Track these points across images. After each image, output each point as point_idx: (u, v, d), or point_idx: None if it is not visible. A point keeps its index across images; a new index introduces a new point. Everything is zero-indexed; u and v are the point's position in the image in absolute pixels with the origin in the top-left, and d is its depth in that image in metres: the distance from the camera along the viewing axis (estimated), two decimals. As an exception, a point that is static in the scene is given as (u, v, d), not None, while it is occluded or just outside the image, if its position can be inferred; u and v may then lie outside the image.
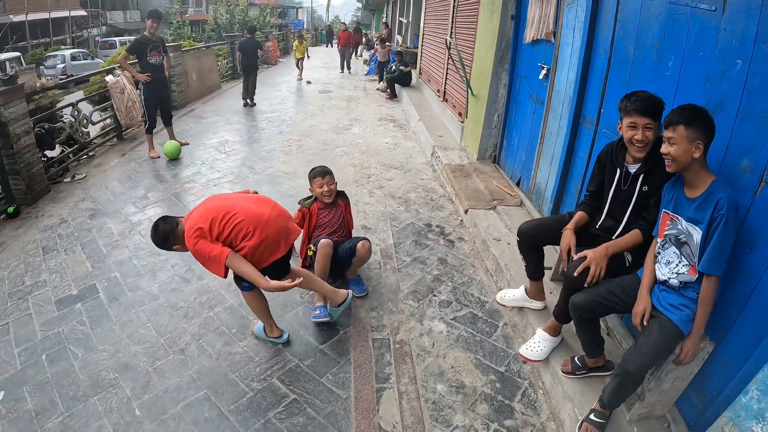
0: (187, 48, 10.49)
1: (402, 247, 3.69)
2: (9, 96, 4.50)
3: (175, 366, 2.51)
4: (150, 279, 3.32)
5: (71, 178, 5.40)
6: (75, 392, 2.38)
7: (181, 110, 8.97)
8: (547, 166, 3.59)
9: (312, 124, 7.77)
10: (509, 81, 4.65)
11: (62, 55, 21.81)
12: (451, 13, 6.67)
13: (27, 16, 24.18)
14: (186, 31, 21.63)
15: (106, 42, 26.82)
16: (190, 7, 39.53)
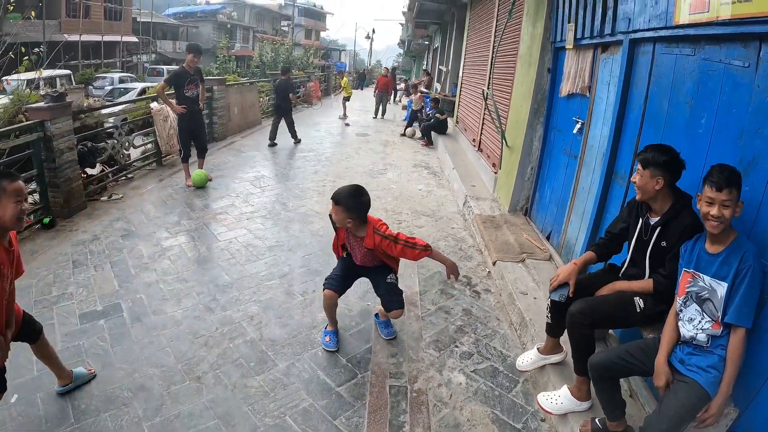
0: (232, 82, 11.18)
1: (427, 295, 3.79)
2: (56, 112, 4.90)
3: (189, 392, 2.61)
4: (174, 304, 3.50)
5: (108, 197, 5.79)
6: (87, 406, 2.50)
7: (221, 142, 9.55)
8: (578, 222, 3.68)
9: (348, 166, 8.10)
10: (544, 134, 4.81)
11: (111, 77, 23.21)
12: (489, 64, 6.99)
13: (81, 37, 26.16)
14: (231, 65, 22.92)
15: (153, 69, 28.66)
16: (237, 43, 42.20)
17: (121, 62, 30.98)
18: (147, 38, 34.47)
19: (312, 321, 3.32)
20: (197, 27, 40.95)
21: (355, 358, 2.95)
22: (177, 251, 4.39)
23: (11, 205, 1.93)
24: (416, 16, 15.50)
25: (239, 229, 5.00)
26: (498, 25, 6.88)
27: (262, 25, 51.02)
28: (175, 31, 39.83)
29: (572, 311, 2.28)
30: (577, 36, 3.96)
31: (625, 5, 3.16)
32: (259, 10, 51.32)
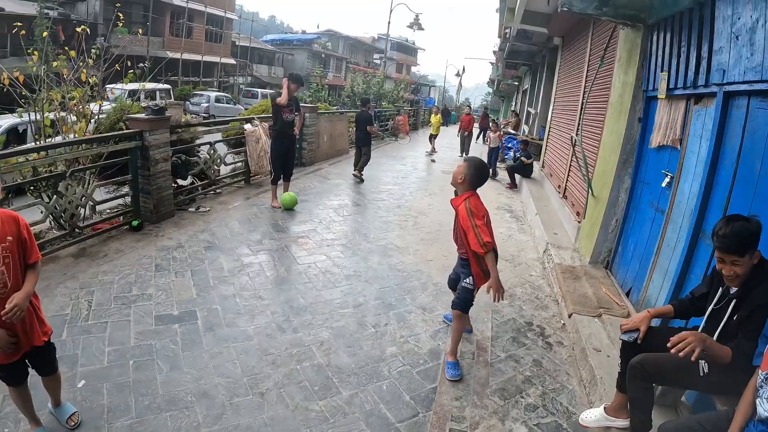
0: (323, 111, 11.81)
1: (499, 341, 3.81)
2: (156, 124, 5.43)
3: (251, 406, 2.76)
4: (248, 320, 3.73)
5: (195, 209, 6.29)
6: (150, 402, 2.68)
7: (308, 168, 10.11)
8: (660, 280, 3.57)
9: (431, 203, 8.26)
10: (631, 185, 4.73)
11: (208, 95, 25.09)
12: (579, 109, 6.97)
13: (182, 55, 28.98)
14: (324, 94, 24.12)
15: (248, 91, 30.81)
16: (330, 72, 44.51)
17: (218, 82, 33.69)
18: (244, 61, 37.23)
19: (381, 354, 3.45)
20: (293, 54, 43.73)
21: (419, 396, 3.02)
22: (256, 269, 4.70)
23: None
24: (507, 56, 15.71)
25: (319, 254, 5.26)
26: (589, 71, 6.88)
27: (355, 56, 53.69)
28: (272, 57, 42.79)
29: (633, 362, 2.27)
30: (670, 86, 3.93)
31: (719, 56, 3.14)
32: (352, 42, 54.23)
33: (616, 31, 5.48)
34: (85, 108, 5.72)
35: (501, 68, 21.41)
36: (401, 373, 3.24)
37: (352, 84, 26.55)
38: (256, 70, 39.51)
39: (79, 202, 4.86)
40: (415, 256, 5.51)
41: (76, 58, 5.74)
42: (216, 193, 7.29)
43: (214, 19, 32.61)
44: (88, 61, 5.77)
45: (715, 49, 3.20)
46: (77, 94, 5.64)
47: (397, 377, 3.20)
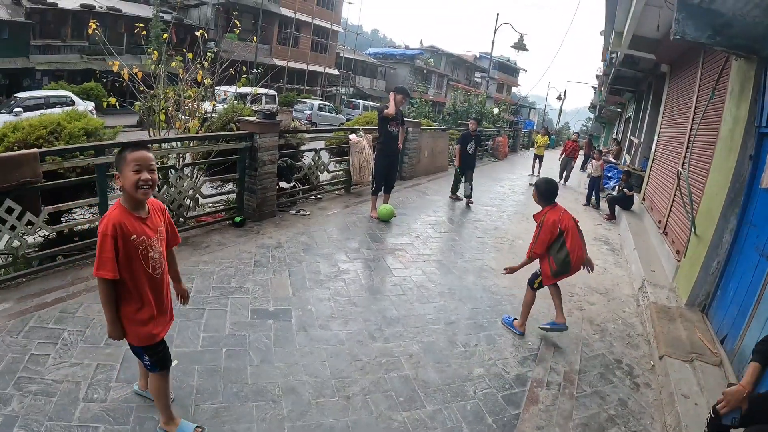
0: (425, 127, 12.05)
1: (586, 376, 3.78)
2: (266, 128, 5.75)
3: (336, 408, 2.86)
4: (341, 324, 3.89)
5: (296, 212, 6.63)
6: (238, 390, 2.81)
7: (407, 181, 10.33)
8: (758, 330, 3.42)
9: (528, 228, 8.14)
10: (737, 227, 4.53)
11: (311, 103, 26.14)
12: (686, 142, 6.71)
13: (288, 63, 30.73)
14: (426, 110, 24.28)
15: (350, 102, 32.09)
16: (431, 88, 45.06)
17: (321, 91, 35.24)
18: (347, 72, 38.69)
19: (468, 374, 3.51)
20: (395, 69, 44.69)
21: (501, 420, 3.07)
22: (352, 276, 4.90)
23: (130, 174, 2.11)
24: (611, 81, 15.21)
25: (414, 268, 5.41)
26: (698, 102, 6.62)
27: (456, 74, 53.95)
28: (374, 70, 44.06)
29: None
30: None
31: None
32: (454, 59, 54.50)
33: (728, 62, 5.28)
34: (199, 107, 6.12)
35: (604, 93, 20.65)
36: (486, 395, 3.32)
37: (454, 101, 26.45)
38: (359, 82, 40.76)
39: (188, 194, 5.19)
40: (510, 280, 5.50)
41: (192, 59, 6.14)
42: (317, 198, 7.60)
43: (320, 30, 34.22)
44: (204, 63, 6.16)
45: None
46: (192, 93, 6.04)
47: (482, 398, 3.26)
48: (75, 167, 4.31)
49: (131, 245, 2.16)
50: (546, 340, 4.27)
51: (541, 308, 4.67)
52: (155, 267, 2.29)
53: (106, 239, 2.10)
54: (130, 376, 2.90)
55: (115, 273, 2.12)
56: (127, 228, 2.15)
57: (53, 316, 3.46)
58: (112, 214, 2.16)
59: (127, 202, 2.20)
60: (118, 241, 2.11)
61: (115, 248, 2.11)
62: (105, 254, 2.10)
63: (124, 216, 2.16)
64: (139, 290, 2.24)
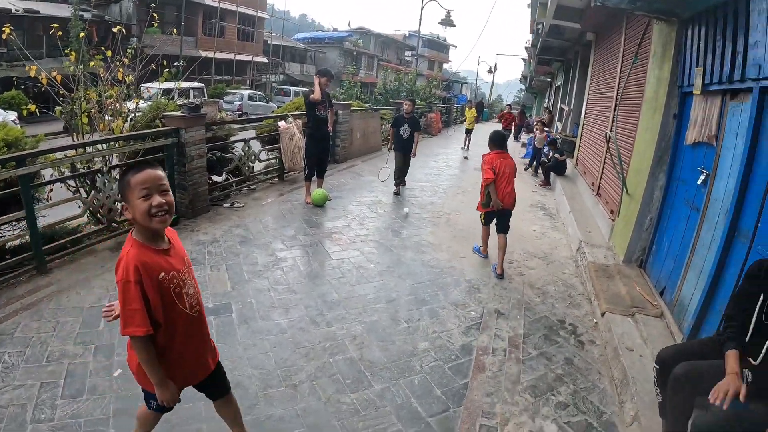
0: (356, 108, 11.92)
1: (531, 339, 3.82)
2: (192, 122, 5.57)
3: (284, 398, 2.82)
4: (282, 313, 3.82)
5: (230, 205, 6.45)
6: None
7: (341, 164, 10.24)
8: (694, 279, 3.51)
9: (463, 200, 8.26)
10: (666, 183, 4.65)
11: (240, 93, 25.47)
12: (613, 106, 6.86)
13: (215, 54, 29.58)
14: (356, 91, 24.18)
15: (281, 89, 31.18)
16: (361, 70, 44.61)
17: (250, 80, 34.13)
18: (276, 59, 37.61)
19: (413, 349, 3.50)
20: (324, 52, 43.89)
21: (450, 392, 3.06)
22: (290, 263, 4.81)
23: (138, 201, 1.74)
24: (539, 52, 15.48)
25: (352, 250, 5.36)
26: (623, 67, 6.76)
27: (387, 53, 53.66)
28: (303, 55, 43.14)
29: (678, 374, 2.19)
30: (705, 81, 3.85)
31: (755, 50, 3.08)
32: (384, 39, 54.19)
33: (650, 26, 5.37)
34: (122, 106, 5.82)
35: (533, 64, 21.09)
36: (433, 368, 3.29)
37: (384, 81, 26.48)
38: (288, 68, 39.89)
39: (117, 197, 4.90)
40: (448, 253, 5.56)
41: (112, 57, 5.83)
42: (250, 189, 7.44)
43: (246, 18, 33.00)
44: (124, 60, 5.86)
45: (751, 43, 3.14)
46: (114, 92, 5.71)
47: (429, 372, 3.25)
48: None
49: (162, 286, 1.79)
50: (488, 307, 4.27)
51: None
52: (192, 304, 1.95)
53: (129, 287, 1.70)
54: (75, 392, 2.77)
55: (149, 326, 1.74)
56: (151, 266, 1.76)
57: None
58: (128, 254, 1.75)
59: (142, 235, 1.82)
60: (144, 286, 1.72)
61: (142, 296, 1.72)
62: (131, 306, 1.71)
63: (143, 253, 1.77)
64: (173, 335, 1.88)
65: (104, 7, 25.89)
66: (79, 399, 2.71)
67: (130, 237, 1.82)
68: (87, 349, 3.16)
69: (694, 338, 3.25)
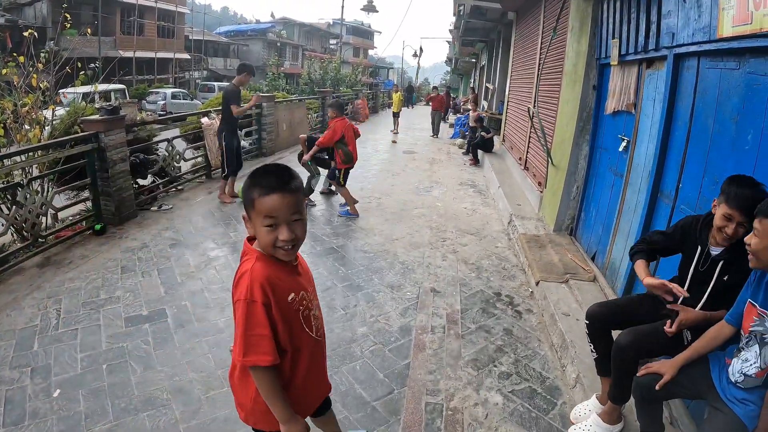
0: (281, 99, 11.64)
1: (468, 314, 3.81)
2: (111, 125, 5.22)
3: (227, 398, 2.69)
4: (218, 313, 3.65)
5: (158, 208, 6.12)
6: (127, 404, 2.63)
7: (269, 157, 9.94)
8: (623, 242, 3.62)
9: (393, 183, 8.25)
10: (590, 152, 4.78)
11: (164, 92, 24.32)
12: (535, 82, 6.99)
13: (135, 53, 27.91)
14: (281, 83, 23.64)
15: (205, 85, 30.00)
16: (286, 61, 43.55)
17: (173, 78, 32.71)
18: (199, 55, 36.19)
19: (352, 335, 3.40)
20: (247, 45, 42.58)
21: (393, 373, 2.99)
22: (222, 261, 4.60)
23: (263, 229, 1.44)
24: (462, 34, 15.69)
25: None
26: (543, 42, 6.90)
27: (311, 43, 52.71)
28: (226, 49, 41.56)
29: (622, 344, 2.18)
30: (622, 52, 3.95)
31: (668, 19, 3.15)
32: (308, 28, 53.18)
33: (567, 2, 5.47)
34: (39, 114, 5.53)
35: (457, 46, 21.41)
36: (373, 351, 3.21)
37: (309, 71, 26.18)
38: (212, 64, 38.44)
39: (40, 210, 4.65)
40: (381, 237, 5.47)
41: (25, 63, 5.56)
42: (178, 190, 7.07)
43: (165, 14, 31.40)
44: (38, 65, 5.57)
45: (664, 12, 3.21)
46: (29, 100, 5.44)
47: (370, 356, 3.16)
48: None
49: (289, 308, 1.51)
50: (423, 287, 4.24)
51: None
52: (318, 328, 1.68)
53: (255, 309, 1.41)
54: (16, 418, 2.54)
55: (276, 354, 1.44)
56: (280, 285, 1.48)
57: None
58: (253, 270, 1.45)
59: None
60: (272, 309, 1.44)
61: (269, 320, 1.43)
62: (256, 331, 1.42)
63: (270, 269, 1.47)
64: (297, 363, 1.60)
65: (17, 11, 23.78)
66: (21, 425, 2.52)
67: (251, 248, 1.53)
68: (23, 373, 2.92)
69: (626, 298, 3.34)
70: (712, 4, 2.54)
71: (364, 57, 55.72)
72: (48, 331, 3.35)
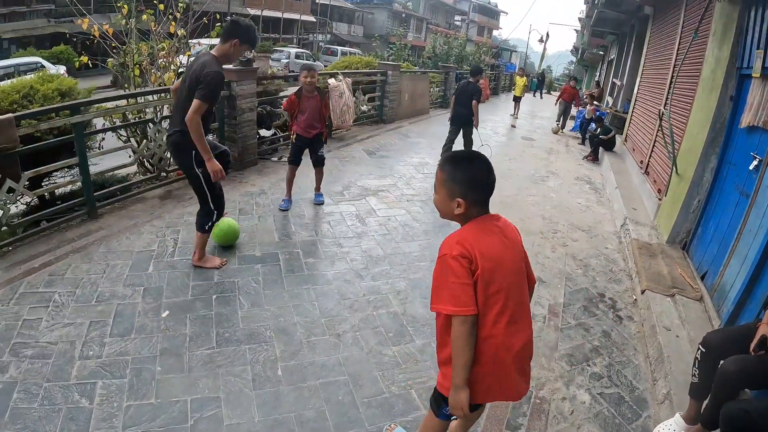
0: (405, 70, 11.79)
1: (570, 309, 3.84)
2: (243, 75, 5.55)
3: (327, 346, 2.85)
4: (328, 265, 3.83)
5: (278, 159, 6.47)
6: (231, 335, 2.79)
7: (389, 125, 10.23)
8: (737, 266, 3.48)
9: (510, 168, 8.19)
10: (717, 166, 4.53)
11: (288, 51, 25.37)
12: (668, 83, 6.62)
13: (262, 12, 29.26)
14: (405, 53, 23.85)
15: (328, 49, 31.01)
16: (410, 33, 43.48)
17: (298, 39, 33.60)
18: (324, 19, 36.87)
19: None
20: (372, 13, 42.95)
21: (491, 352, 3.18)
22: (337, 218, 4.82)
23: None
24: (594, 24, 14.84)
25: (399, 208, 5.38)
26: (681, 44, 6.49)
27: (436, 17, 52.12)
28: (351, 15, 42.31)
29: (727, 371, 2.14)
30: (765, 64, 3.71)
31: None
32: (434, 2, 52.56)
33: (711, 4, 5.12)
34: (174, 60, 5.79)
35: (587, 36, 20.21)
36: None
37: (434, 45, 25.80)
38: (336, 28, 39.14)
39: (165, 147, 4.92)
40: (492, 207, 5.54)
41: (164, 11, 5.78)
42: None
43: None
44: (176, 14, 5.78)
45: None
46: (165, 45, 5.71)
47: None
48: (51, 129, 4.14)
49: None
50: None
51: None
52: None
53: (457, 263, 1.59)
54: (123, 330, 2.87)
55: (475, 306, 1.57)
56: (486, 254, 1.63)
57: (42, 280, 3.37)
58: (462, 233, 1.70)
59: None
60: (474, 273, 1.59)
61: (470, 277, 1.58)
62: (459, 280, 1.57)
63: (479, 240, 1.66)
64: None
65: None
66: (127, 338, 2.77)
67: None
68: (136, 291, 3.20)
69: (732, 324, 3.24)
70: None
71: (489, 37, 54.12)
72: (164, 258, 3.61)
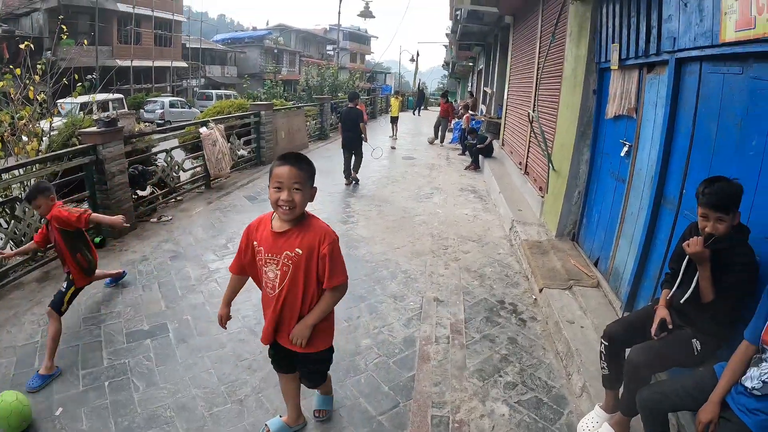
0: (279, 107, 11.62)
1: (472, 323, 3.77)
2: (109, 137, 5.18)
3: (231, 415, 2.69)
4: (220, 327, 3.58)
5: (158, 219, 6.07)
6: (130, 423, 2.61)
7: (268, 165, 9.76)
8: (626, 247, 3.59)
9: (393, 190, 8.20)
10: (591, 157, 4.76)
11: (161, 101, 24.24)
12: (534, 86, 6.98)
13: (132, 62, 27.90)
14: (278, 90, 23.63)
15: (203, 93, 30.04)
16: (283, 68, 43.58)
17: (171, 86, 32.70)
18: (196, 63, 36.12)
19: (356, 348, 3.37)
20: (245, 52, 42.58)
21: (398, 386, 2.96)
22: (224, 274, 4.53)
23: (271, 189, 1.99)
24: (459, 38, 15.71)
25: None
26: (542, 47, 6.89)
27: (308, 49, 52.79)
28: (224, 56, 41.57)
29: (635, 362, 2.20)
30: (622, 56, 3.93)
31: (669, 24, 3.14)
32: (304, 35, 53.29)
33: (566, 6, 5.47)
34: (36, 126, 5.50)
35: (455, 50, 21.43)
36: (378, 364, 3.17)
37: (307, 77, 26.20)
38: (209, 71, 38.48)
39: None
40: (382, 245, 5.43)
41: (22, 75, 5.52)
42: (177, 200, 7.03)
43: (162, 23, 31.49)
44: (35, 77, 5.54)
45: (665, 17, 3.20)
46: (26, 112, 5.40)
47: (374, 369, 3.13)
48: None
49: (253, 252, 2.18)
50: (426, 296, 4.20)
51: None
52: (267, 284, 2.18)
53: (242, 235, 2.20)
54: None
55: (233, 268, 2.30)
56: (254, 234, 2.16)
57: None
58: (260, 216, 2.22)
59: None
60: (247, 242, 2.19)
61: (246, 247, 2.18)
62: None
63: (263, 222, 2.17)
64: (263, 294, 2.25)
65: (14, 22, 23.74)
66: None
67: None
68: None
69: (632, 304, 3.34)
70: (714, 9, 2.53)
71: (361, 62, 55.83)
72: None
